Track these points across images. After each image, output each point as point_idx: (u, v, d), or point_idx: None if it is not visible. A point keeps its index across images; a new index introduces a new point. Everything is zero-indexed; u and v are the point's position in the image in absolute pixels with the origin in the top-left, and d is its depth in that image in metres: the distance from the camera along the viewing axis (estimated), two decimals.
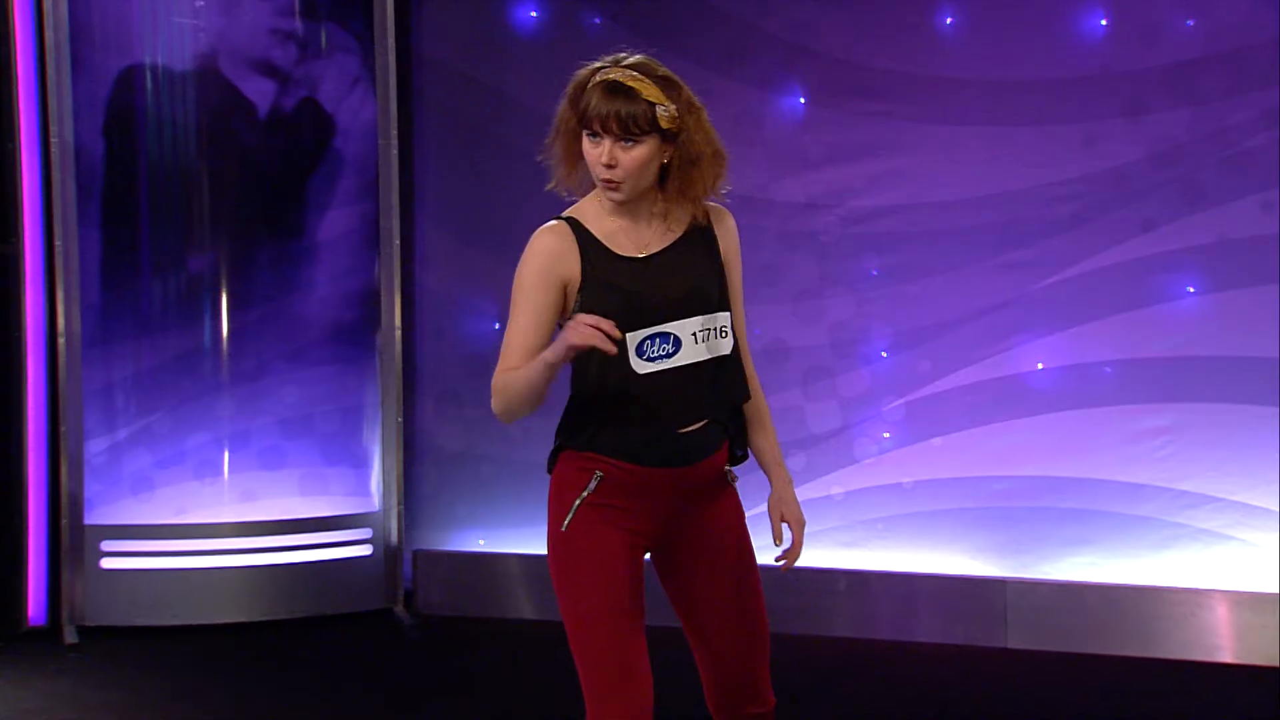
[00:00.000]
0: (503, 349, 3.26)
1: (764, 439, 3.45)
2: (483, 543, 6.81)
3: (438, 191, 6.82)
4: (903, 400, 6.35)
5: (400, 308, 6.71)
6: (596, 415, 3.26)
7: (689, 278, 3.29)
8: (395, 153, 6.63)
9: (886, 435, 6.41)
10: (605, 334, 3.09)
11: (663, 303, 3.26)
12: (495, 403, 3.25)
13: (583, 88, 3.24)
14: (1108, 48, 6.04)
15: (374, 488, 6.73)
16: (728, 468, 3.38)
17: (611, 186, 3.24)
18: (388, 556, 6.71)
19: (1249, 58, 5.86)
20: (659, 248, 3.30)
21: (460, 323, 6.77)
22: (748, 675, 3.39)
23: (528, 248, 3.28)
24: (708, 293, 3.31)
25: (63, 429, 6.34)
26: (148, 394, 6.46)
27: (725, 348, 3.32)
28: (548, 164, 3.33)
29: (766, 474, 3.48)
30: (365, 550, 6.67)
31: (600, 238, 3.28)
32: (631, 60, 3.25)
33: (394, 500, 6.71)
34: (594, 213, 3.31)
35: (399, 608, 6.72)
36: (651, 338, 3.25)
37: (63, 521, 6.36)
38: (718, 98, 6.40)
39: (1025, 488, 6.20)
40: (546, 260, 3.25)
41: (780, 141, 6.41)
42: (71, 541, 6.38)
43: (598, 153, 3.23)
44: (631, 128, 3.19)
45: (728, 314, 3.33)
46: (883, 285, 6.39)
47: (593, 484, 3.26)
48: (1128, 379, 6.07)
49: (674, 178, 3.27)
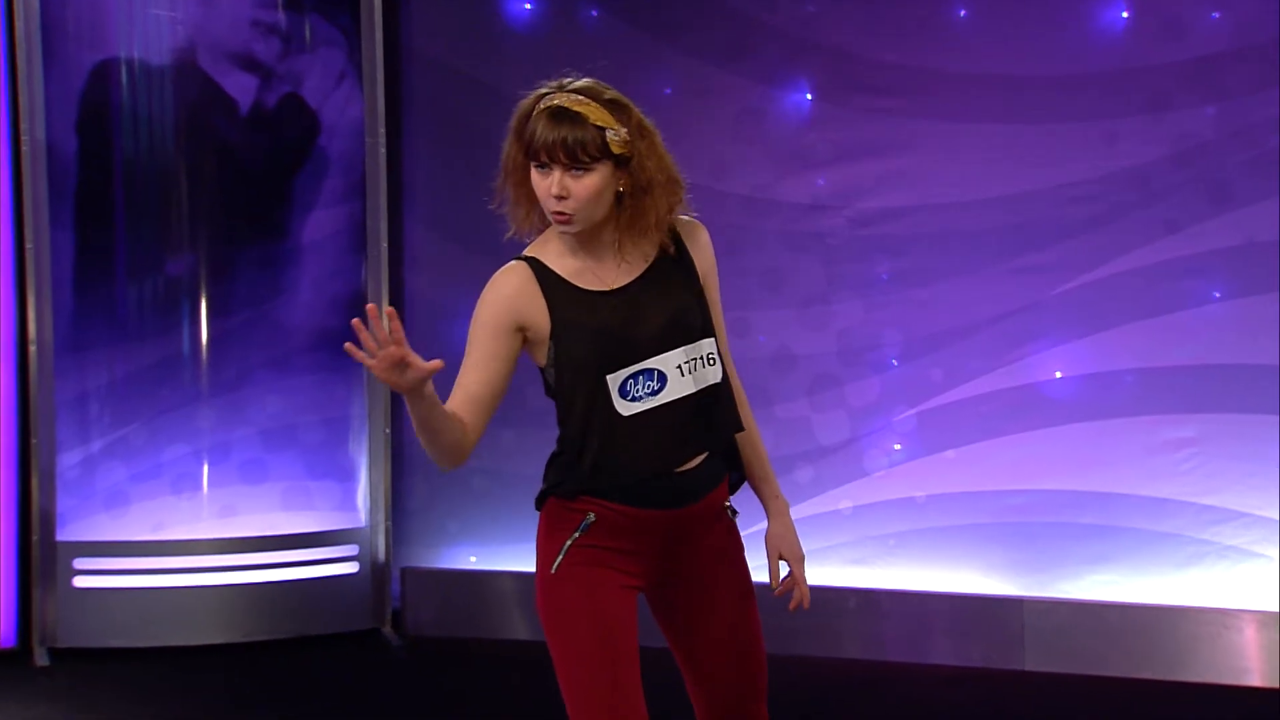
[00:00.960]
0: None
1: (755, 460, 3.39)
2: (475, 560, 6.81)
3: (428, 192, 6.83)
4: (914, 410, 6.35)
5: None
6: (585, 458, 3.21)
7: (665, 308, 3.23)
8: (383, 151, 6.65)
9: (897, 447, 6.40)
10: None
11: (642, 338, 3.20)
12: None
13: (527, 117, 3.18)
14: (1129, 42, 6.06)
15: (361, 502, 6.73)
16: (728, 503, 3.34)
17: (563, 219, 3.17)
18: (375, 574, 6.70)
19: (1276, 51, 5.86)
20: (626, 280, 3.24)
21: (451, 330, 6.75)
22: (744, 714, 3.35)
23: (486, 288, 3.24)
24: (688, 321, 3.24)
25: (33, 441, 6.33)
26: (123, 404, 6.46)
27: (714, 376, 3.27)
28: (501, 209, 3.27)
29: (761, 501, 3.42)
30: (351, 568, 6.67)
31: (565, 276, 3.23)
32: (577, 84, 3.19)
33: (382, 515, 6.71)
34: (555, 250, 3.25)
35: (387, 628, 6.72)
36: (634, 376, 3.19)
37: (33, 538, 6.35)
38: (719, 94, 6.48)
39: (1043, 502, 6.19)
40: (504, 305, 3.21)
41: (785, 140, 6.41)
42: (43, 559, 6.37)
43: (547, 184, 3.16)
44: (580, 155, 3.13)
45: (712, 340, 3.27)
46: (893, 290, 6.40)
47: (584, 526, 3.21)
48: (1150, 388, 6.07)
49: (625, 207, 3.20)
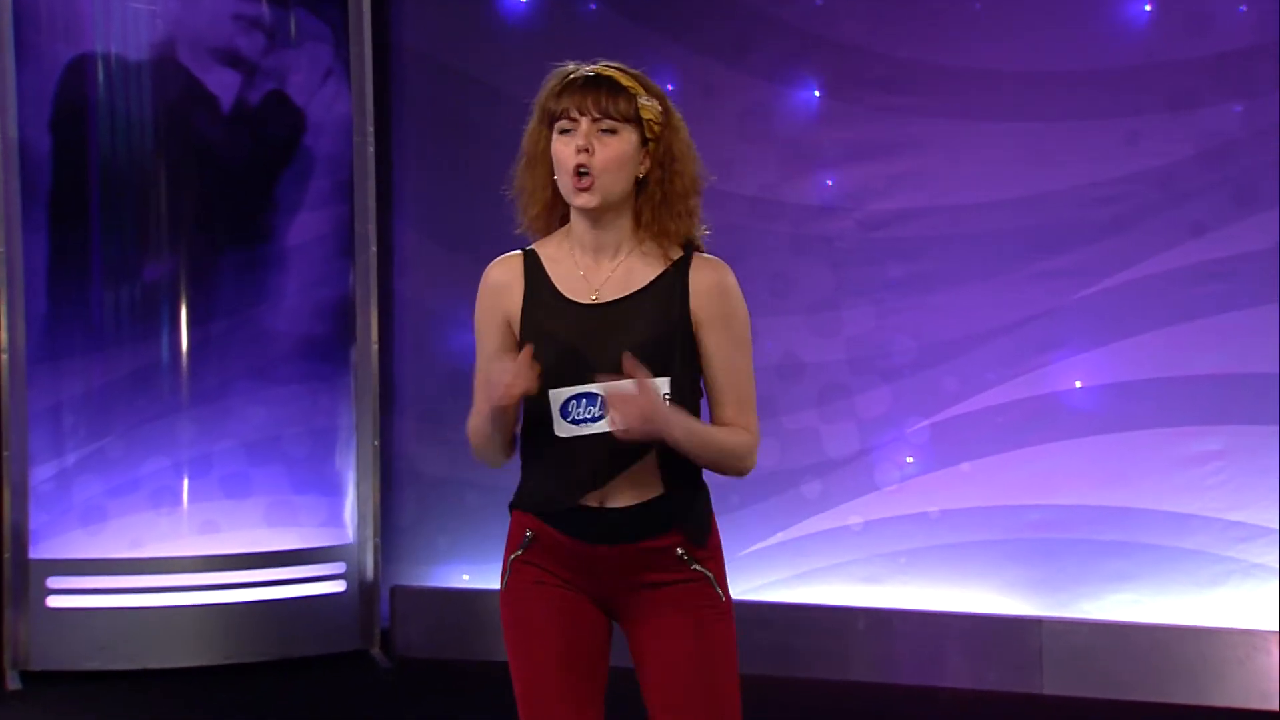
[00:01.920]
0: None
1: (709, 431, 3.18)
2: (468, 578, 6.79)
3: (418, 193, 6.84)
4: (928, 421, 6.34)
5: (377, 320, 6.72)
6: (526, 471, 3.25)
7: (636, 336, 3.16)
8: (371, 150, 6.65)
9: (910, 460, 6.39)
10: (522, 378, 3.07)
11: (599, 360, 3.15)
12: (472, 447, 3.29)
13: (554, 91, 3.20)
14: (1151, 35, 6.06)
15: (348, 518, 6.72)
16: (680, 551, 3.20)
17: (583, 185, 3.15)
18: (363, 593, 6.69)
19: None
20: (614, 296, 3.20)
21: (443, 336, 6.75)
22: None
23: (481, 280, 3.29)
24: (658, 353, 3.15)
25: (5, 453, 6.32)
26: (99, 415, 6.45)
27: None
28: (515, 198, 3.27)
29: None
30: (338, 586, 6.65)
31: (553, 276, 3.22)
32: (609, 62, 3.23)
33: (370, 531, 6.70)
34: (556, 247, 3.25)
35: (375, 649, 6.72)
36: (577, 398, 3.15)
37: (5, 556, 6.33)
38: (724, 91, 6.52)
39: (1062, 518, 6.17)
40: (489, 296, 3.25)
41: (792, 138, 6.44)
42: (15, 577, 6.35)
43: (571, 147, 3.15)
44: (611, 110, 3.15)
45: (667, 382, 3.15)
46: (905, 295, 6.41)
47: (524, 543, 3.23)
48: (1174, 399, 6.06)
49: (646, 204, 3.19)
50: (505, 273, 3.23)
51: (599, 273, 3.21)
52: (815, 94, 6.40)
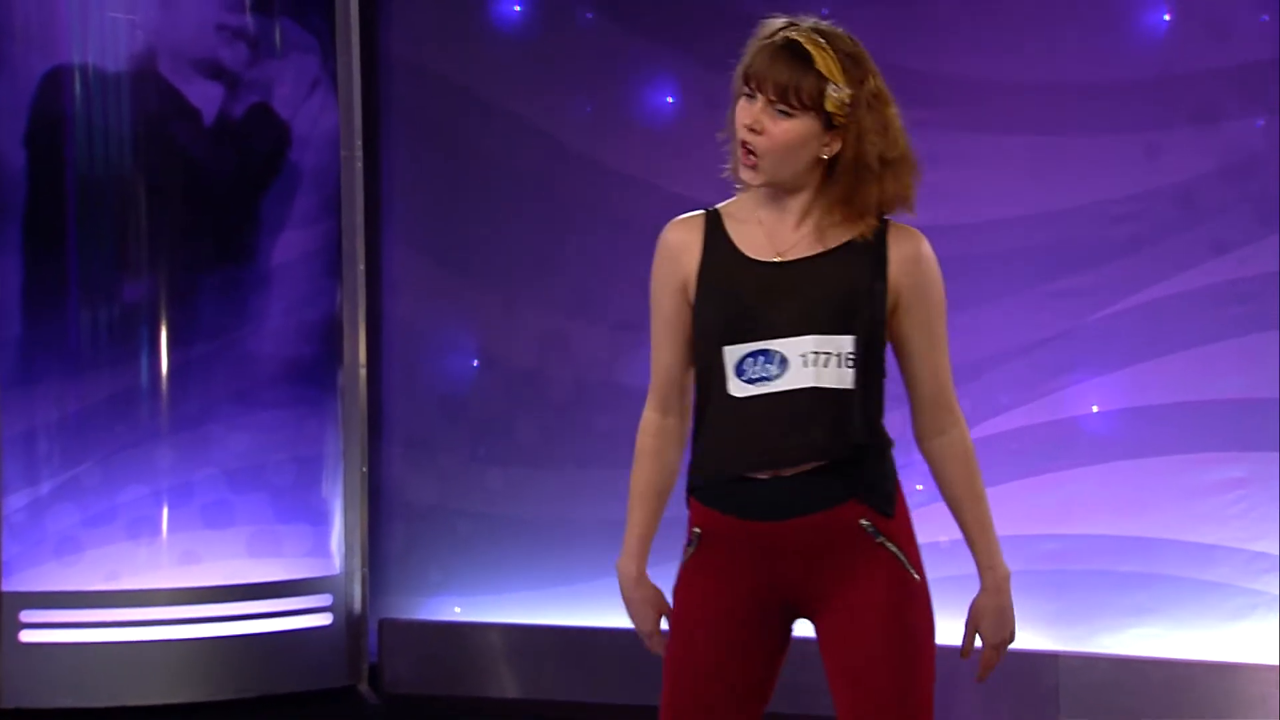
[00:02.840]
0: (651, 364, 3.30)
1: (971, 519, 3.26)
2: (459, 611, 6.78)
3: (408, 209, 6.83)
4: None
5: (365, 342, 6.74)
6: (698, 446, 3.21)
7: (827, 291, 3.14)
8: (360, 165, 6.69)
9: (920, 487, 6.26)
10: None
11: (777, 316, 3.13)
12: None
13: (753, 48, 3.16)
14: (1171, 46, 6.05)
15: (334, 548, 6.72)
16: (864, 522, 3.15)
17: (749, 161, 3.13)
18: (350, 627, 6.70)
19: None
20: (801, 254, 3.17)
21: (434, 359, 6.75)
22: None
23: (658, 240, 3.29)
24: (843, 311, 3.13)
25: None
26: (75, 441, 6.45)
27: (845, 380, 3.14)
28: (724, 145, 3.24)
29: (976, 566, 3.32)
30: (324, 619, 6.65)
31: (733, 235, 3.20)
32: (822, 26, 3.16)
33: (357, 562, 6.72)
34: (741, 206, 3.24)
35: (363, 685, 6.73)
36: (754, 355, 3.13)
37: None
38: (725, 103, 6.40)
39: (1079, 548, 6.15)
40: (664, 260, 3.24)
41: None
42: None
43: (745, 114, 3.12)
44: (790, 96, 3.09)
45: (853, 340, 3.14)
46: None
47: (693, 541, 3.21)
48: (1196, 424, 6.04)
49: (839, 180, 3.15)
50: (684, 233, 3.22)
51: (783, 233, 3.19)
52: None
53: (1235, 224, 5.95)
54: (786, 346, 3.12)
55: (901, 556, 3.19)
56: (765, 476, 3.13)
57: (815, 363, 3.12)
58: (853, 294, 3.14)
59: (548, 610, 6.67)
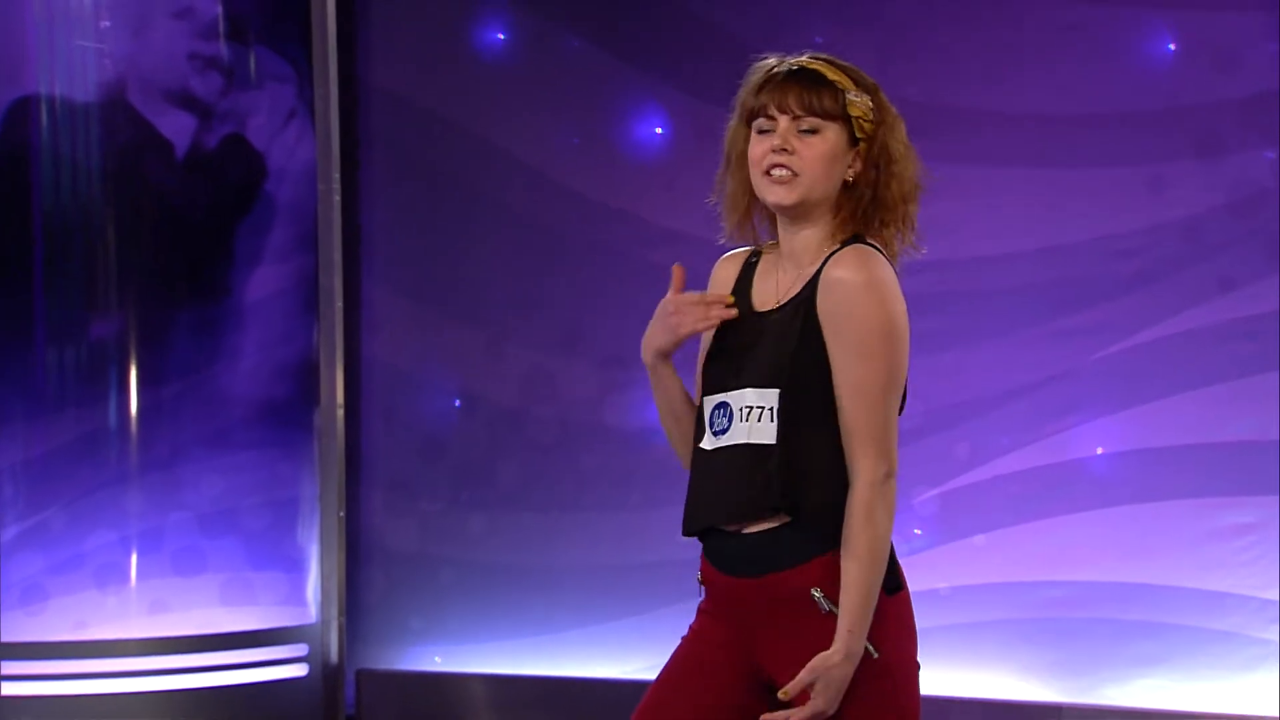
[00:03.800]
0: None
1: (846, 578, 3.04)
2: (440, 660, 6.79)
3: (388, 245, 6.86)
4: (937, 490, 6.33)
5: (343, 381, 6.76)
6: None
7: (764, 340, 3.15)
8: (338, 199, 6.73)
9: (918, 532, 6.35)
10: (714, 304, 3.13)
11: (743, 365, 3.15)
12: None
13: (757, 84, 3.17)
14: (1176, 77, 6.05)
15: (311, 596, 6.72)
16: (815, 591, 3.05)
17: (783, 180, 3.11)
18: (327, 677, 6.71)
19: None
20: (778, 302, 3.18)
21: (413, 400, 6.78)
22: None
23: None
24: (769, 361, 3.13)
25: None
26: (40, 485, 6.46)
27: (765, 436, 3.10)
28: (717, 206, 3.27)
29: None
30: (300, 670, 6.66)
31: (754, 280, 3.22)
32: (819, 55, 3.20)
33: (335, 611, 6.73)
34: (772, 249, 3.25)
35: None
36: (718, 407, 3.17)
37: None
38: (718, 134, 6.38)
39: (1084, 596, 6.13)
40: (712, 288, 3.28)
41: None
42: None
43: (767, 144, 3.11)
44: (815, 106, 3.10)
45: (776, 393, 3.10)
46: (912, 354, 6.24)
47: (702, 591, 3.23)
48: (1204, 467, 6.01)
49: (853, 205, 3.14)
50: (727, 270, 3.27)
51: (788, 279, 3.18)
52: None
53: (1243, 260, 5.94)
54: (734, 400, 3.14)
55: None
56: (732, 530, 3.13)
57: (749, 417, 3.12)
58: (779, 341, 3.12)
59: (532, 660, 6.65)
